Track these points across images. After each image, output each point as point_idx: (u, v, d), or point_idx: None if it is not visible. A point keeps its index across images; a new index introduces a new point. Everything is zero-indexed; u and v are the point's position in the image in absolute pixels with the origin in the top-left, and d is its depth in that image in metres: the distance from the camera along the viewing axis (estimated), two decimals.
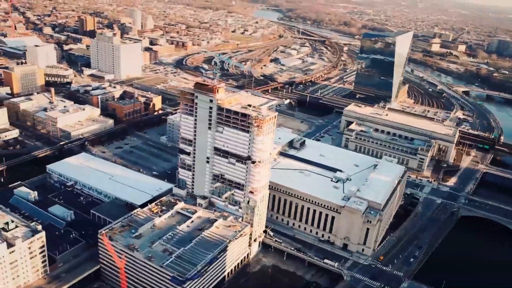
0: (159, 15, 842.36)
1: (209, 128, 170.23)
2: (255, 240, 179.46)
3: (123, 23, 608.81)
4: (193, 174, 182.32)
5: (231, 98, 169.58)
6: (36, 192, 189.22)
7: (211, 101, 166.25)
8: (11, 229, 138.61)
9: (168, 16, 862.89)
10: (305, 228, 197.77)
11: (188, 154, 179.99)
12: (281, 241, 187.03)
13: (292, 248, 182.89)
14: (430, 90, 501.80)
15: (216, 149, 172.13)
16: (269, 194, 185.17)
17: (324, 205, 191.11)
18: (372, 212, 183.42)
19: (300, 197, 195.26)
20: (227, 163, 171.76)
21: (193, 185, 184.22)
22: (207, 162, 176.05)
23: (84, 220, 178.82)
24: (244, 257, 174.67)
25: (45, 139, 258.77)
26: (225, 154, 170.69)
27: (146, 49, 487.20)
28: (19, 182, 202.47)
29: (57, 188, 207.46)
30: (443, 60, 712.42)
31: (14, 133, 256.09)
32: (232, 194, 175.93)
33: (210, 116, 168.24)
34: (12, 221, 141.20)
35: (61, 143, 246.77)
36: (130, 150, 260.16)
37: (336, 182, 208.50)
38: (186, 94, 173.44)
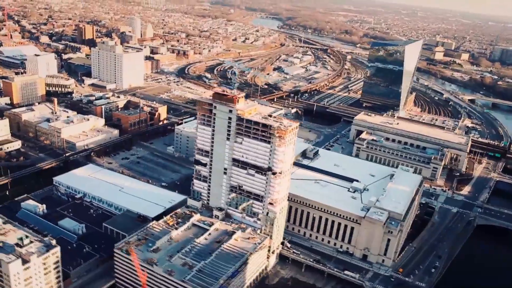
0: (158, 23, 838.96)
1: (228, 138, 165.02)
2: (273, 252, 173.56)
3: (123, 31, 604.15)
4: (209, 186, 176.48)
5: (251, 108, 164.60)
6: (44, 205, 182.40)
7: (230, 111, 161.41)
8: (26, 245, 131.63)
9: (167, 24, 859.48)
10: (322, 239, 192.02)
11: (204, 165, 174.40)
12: (299, 252, 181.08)
13: (311, 260, 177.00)
14: (436, 98, 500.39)
15: (234, 160, 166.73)
16: None
17: (343, 216, 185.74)
18: (393, 222, 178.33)
19: (318, 208, 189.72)
20: (245, 174, 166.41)
21: (208, 196, 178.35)
22: (225, 173, 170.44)
23: (96, 234, 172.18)
24: (263, 269, 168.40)
25: (49, 151, 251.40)
26: (244, 165, 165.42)
27: (147, 58, 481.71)
28: (26, 195, 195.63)
29: (64, 200, 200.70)
30: (447, 69, 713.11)
31: (17, 144, 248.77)
32: (249, 205, 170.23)
33: (229, 126, 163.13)
34: (27, 236, 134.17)
35: (66, 154, 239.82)
36: (137, 161, 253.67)
37: (353, 192, 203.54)
38: (203, 104, 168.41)
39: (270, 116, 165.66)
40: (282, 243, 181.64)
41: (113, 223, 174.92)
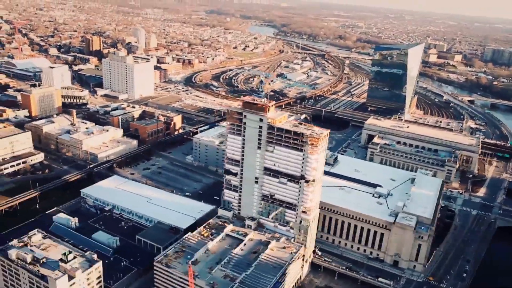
0: (160, 33, 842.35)
1: (259, 147, 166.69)
2: (306, 261, 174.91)
3: (128, 42, 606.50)
4: (240, 195, 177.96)
5: (281, 117, 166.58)
6: (76, 219, 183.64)
7: (261, 120, 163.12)
8: (70, 260, 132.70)
9: (168, 34, 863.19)
10: (352, 246, 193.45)
11: (235, 174, 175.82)
12: (330, 260, 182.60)
13: (343, 267, 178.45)
14: (437, 100, 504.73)
15: (266, 168, 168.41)
16: None
17: (372, 222, 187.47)
18: (422, 227, 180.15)
19: (346, 214, 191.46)
20: (277, 183, 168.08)
21: (239, 206, 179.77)
22: (256, 182, 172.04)
23: (130, 246, 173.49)
24: (297, 279, 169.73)
25: (72, 163, 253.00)
26: (276, 173, 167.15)
27: (155, 67, 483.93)
28: (56, 208, 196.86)
29: (93, 213, 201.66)
30: (442, 70, 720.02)
31: (40, 157, 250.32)
32: (280, 212, 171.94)
33: (260, 135, 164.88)
34: (70, 252, 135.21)
35: (90, 166, 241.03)
36: (158, 171, 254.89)
37: (378, 197, 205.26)
38: (233, 113, 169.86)
39: (300, 123, 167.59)
40: (313, 251, 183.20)
41: (146, 235, 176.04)
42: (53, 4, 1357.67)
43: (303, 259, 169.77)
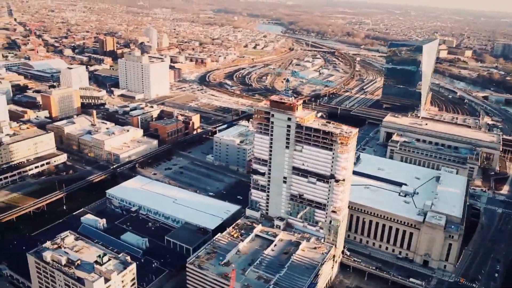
0: (171, 32, 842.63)
1: (287, 147, 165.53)
2: (335, 261, 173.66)
3: (141, 42, 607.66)
4: (268, 195, 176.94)
5: (309, 116, 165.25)
6: (104, 220, 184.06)
7: (289, 119, 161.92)
8: (105, 263, 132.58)
9: (179, 33, 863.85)
10: (380, 246, 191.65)
11: (263, 174, 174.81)
12: (360, 260, 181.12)
13: (373, 268, 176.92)
14: (450, 96, 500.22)
15: (294, 168, 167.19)
16: None
17: (401, 221, 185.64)
18: (452, 226, 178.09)
19: (374, 213, 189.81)
20: (306, 183, 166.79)
21: (267, 206, 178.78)
22: (284, 182, 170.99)
23: (159, 247, 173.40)
24: (328, 280, 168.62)
25: (94, 163, 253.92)
26: (305, 173, 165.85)
27: (169, 67, 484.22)
28: (83, 209, 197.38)
29: (118, 213, 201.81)
30: (453, 66, 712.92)
31: (63, 157, 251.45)
32: (307, 212, 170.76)
33: (288, 134, 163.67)
34: (105, 254, 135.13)
35: (114, 166, 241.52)
36: (180, 171, 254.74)
37: (405, 196, 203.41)
38: (261, 112, 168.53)
39: (329, 122, 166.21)
40: (342, 252, 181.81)
41: (175, 236, 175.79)
42: (63, 6, 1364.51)
43: (333, 260, 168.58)
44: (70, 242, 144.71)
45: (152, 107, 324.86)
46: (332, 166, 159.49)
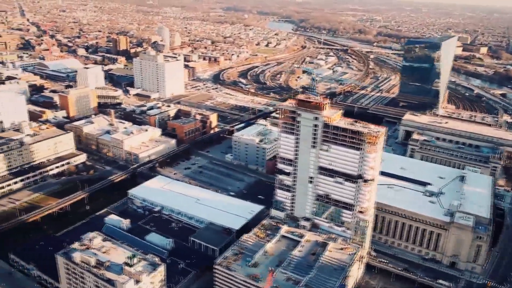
0: (182, 31, 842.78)
1: (313, 146, 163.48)
2: (361, 262, 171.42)
3: (154, 41, 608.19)
4: (293, 195, 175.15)
5: (336, 115, 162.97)
6: (128, 220, 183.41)
7: (316, 118, 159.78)
8: (134, 264, 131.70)
9: (191, 32, 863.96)
10: (405, 246, 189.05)
11: (288, 174, 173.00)
12: (386, 261, 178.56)
13: (400, 269, 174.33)
14: (467, 94, 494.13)
15: (321, 168, 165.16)
16: None
17: (427, 222, 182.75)
18: (480, 227, 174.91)
19: (399, 214, 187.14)
20: (333, 183, 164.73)
21: (292, 206, 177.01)
22: (310, 182, 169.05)
23: (183, 248, 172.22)
24: (354, 281, 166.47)
25: (113, 163, 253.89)
26: (332, 173, 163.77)
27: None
28: (106, 209, 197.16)
29: (140, 213, 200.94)
30: (468, 63, 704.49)
31: (82, 157, 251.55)
32: (332, 212, 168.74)
33: (315, 134, 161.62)
34: (134, 255, 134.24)
35: (134, 166, 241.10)
36: (199, 171, 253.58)
37: (430, 196, 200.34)
38: (286, 112, 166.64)
39: (356, 121, 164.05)
40: (368, 252, 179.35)
41: (200, 236, 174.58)
42: (74, 6, 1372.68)
43: (360, 261, 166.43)
44: (98, 243, 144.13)
45: (169, 106, 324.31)
46: (360, 165, 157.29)
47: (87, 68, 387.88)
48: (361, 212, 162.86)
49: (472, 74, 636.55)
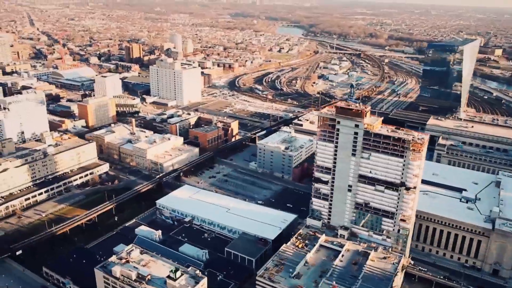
0: (193, 38, 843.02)
1: (353, 154, 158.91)
2: (402, 271, 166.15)
3: (168, 48, 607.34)
4: (330, 204, 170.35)
5: (377, 122, 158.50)
6: (160, 231, 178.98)
7: (357, 126, 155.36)
8: (178, 278, 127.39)
9: (202, 38, 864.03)
10: (444, 254, 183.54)
11: (326, 183, 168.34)
12: (426, 269, 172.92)
13: (441, 277, 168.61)
14: (486, 97, 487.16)
15: (360, 176, 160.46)
16: None
17: (467, 229, 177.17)
18: None
19: (438, 221, 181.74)
20: (373, 191, 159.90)
21: (329, 215, 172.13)
22: (349, 190, 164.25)
23: (219, 259, 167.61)
24: None
25: (137, 172, 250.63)
26: (372, 181, 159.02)
27: None
28: (135, 220, 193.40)
29: (169, 224, 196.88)
30: (484, 66, 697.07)
31: (105, 167, 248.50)
32: (374, 221, 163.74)
33: (355, 141, 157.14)
34: (177, 269, 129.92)
35: (159, 175, 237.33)
36: (225, 179, 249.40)
37: (467, 202, 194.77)
38: (325, 120, 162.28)
39: (398, 128, 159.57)
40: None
41: (235, 247, 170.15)
42: (82, 14, 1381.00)
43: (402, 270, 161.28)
44: (136, 256, 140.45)
45: (189, 114, 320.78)
46: (402, 173, 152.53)
47: (105, 76, 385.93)
48: (403, 220, 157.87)
49: (489, 76, 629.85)
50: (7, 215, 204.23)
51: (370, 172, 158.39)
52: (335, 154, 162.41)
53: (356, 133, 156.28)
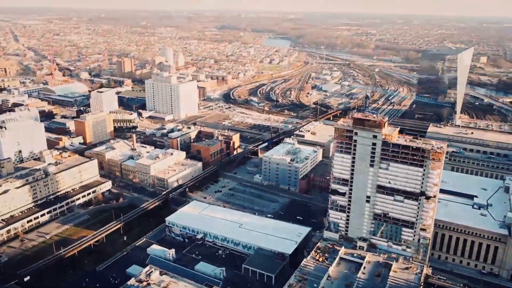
0: (183, 51, 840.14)
1: (371, 165, 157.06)
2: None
3: (160, 62, 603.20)
4: (348, 216, 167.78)
5: (395, 132, 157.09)
6: (173, 250, 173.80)
7: (375, 136, 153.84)
8: None
9: (191, 51, 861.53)
10: (461, 261, 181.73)
11: (343, 194, 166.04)
12: (444, 278, 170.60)
13: (460, 285, 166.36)
14: (477, 103, 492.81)
15: (379, 187, 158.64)
16: None
17: (483, 235, 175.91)
18: None
19: (453, 228, 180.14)
20: (392, 201, 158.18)
21: (347, 227, 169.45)
22: (367, 201, 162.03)
23: (236, 276, 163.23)
24: None
25: (141, 189, 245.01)
26: (391, 191, 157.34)
27: None
28: (145, 239, 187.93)
29: (179, 241, 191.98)
30: (471, 73, 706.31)
31: (107, 185, 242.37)
32: (393, 231, 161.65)
33: (373, 152, 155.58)
34: None
35: (165, 192, 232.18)
36: (231, 193, 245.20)
37: (479, 209, 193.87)
38: (341, 131, 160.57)
39: (416, 138, 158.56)
40: None
41: (252, 263, 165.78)
42: (67, 29, 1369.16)
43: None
44: (156, 277, 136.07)
45: (189, 127, 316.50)
46: (422, 183, 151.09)
47: (101, 92, 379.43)
48: (423, 229, 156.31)
49: (477, 83, 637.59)
50: (9, 238, 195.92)
51: (389, 182, 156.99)
52: (353, 166, 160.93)
53: (374, 144, 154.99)
